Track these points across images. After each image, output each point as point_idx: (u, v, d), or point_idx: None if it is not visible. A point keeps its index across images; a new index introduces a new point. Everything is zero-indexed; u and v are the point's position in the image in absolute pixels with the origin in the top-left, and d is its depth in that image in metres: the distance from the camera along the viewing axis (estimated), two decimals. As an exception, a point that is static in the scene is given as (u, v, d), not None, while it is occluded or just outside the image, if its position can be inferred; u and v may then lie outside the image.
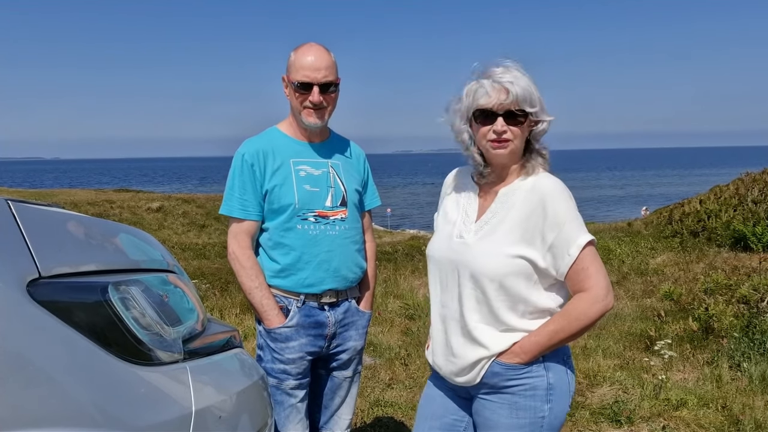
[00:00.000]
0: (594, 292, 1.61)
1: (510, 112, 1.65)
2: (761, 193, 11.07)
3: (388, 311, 6.58)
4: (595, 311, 1.61)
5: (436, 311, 1.83)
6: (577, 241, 1.61)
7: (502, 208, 1.71)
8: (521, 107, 1.64)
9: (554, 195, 1.65)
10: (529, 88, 1.64)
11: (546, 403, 1.69)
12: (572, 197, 1.68)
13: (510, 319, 1.68)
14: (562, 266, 1.63)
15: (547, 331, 1.65)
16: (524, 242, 1.65)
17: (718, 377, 4.39)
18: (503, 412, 1.71)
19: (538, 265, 1.65)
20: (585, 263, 1.62)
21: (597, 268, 1.63)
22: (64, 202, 17.20)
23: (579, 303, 1.63)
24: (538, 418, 1.69)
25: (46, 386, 1.15)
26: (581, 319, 1.62)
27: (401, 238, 18.29)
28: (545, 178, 1.70)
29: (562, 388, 1.72)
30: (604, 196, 51.28)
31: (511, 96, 1.63)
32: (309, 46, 2.26)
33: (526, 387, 1.69)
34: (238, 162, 2.29)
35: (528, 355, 1.67)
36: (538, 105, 1.66)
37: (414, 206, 47.08)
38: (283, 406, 2.32)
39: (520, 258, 1.65)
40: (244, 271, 2.27)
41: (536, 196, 1.66)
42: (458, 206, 1.85)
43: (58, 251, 1.34)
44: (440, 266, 1.80)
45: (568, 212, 1.64)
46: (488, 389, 1.73)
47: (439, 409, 1.88)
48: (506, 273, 1.65)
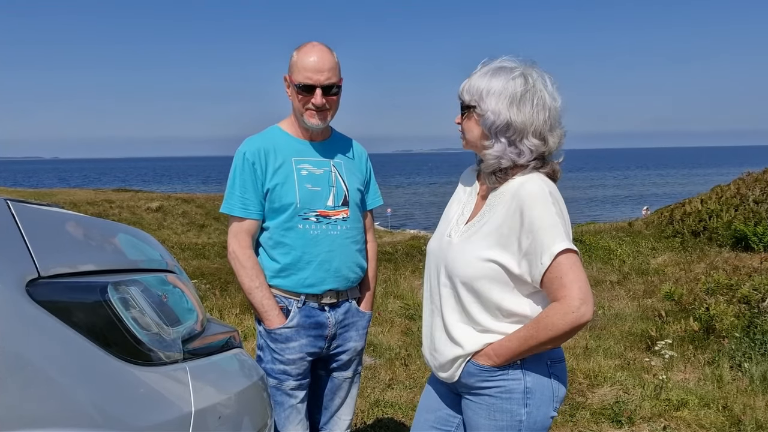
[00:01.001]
0: (566, 303, 1.55)
1: (462, 104, 1.77)
2: (762, 193, 11.07)
3: (388, 311, 6.58)
4: (566, 322, 1.55)
5: (426, 305, 1.87)
6: (551, 249, 1.56)
7: (489, 211, 1.72)
8: (463, 99, 1.75)
9: (533, 201, 1.61)
10: (479, 83, 1.70)
11: (523, 407, 1.67)
12: (558, 202, 1.64)
13: (484, 320, 1.68)
14: (536, 274, 1.60)
15: (518, 337, 1.63)
16: (500, 247, 1.64)
17: (719, 377, 4.39)
18: (482, 413, 1.71)
19: (512, 271, 1.63)
20: (559, 272, 1.56)
21: (572, 278, 1.56)
22: (64, 202, 17.19)
23: (550, 312, 1.59)
24: (516, 422, 1.68)
25: (45, 386, 1.15)
26: (550, 329, 1.57)
27: (401, 238, 18.31)
28: (530, 181, 1.66)
29: (543, 392, 1.69)
30: (607, 196, 51.30)
31: (463, 90, 1.75)
32: (312, 46, 2.24)
33: (502, 390, 1.68)
34: (239, 160, 2.27)
35: (500, 359, 1.65)
36: (483, 97, 1.69)
37: (415, 206, 47.08)
38: (283, 407, 2.31)
39: (492, 262, 1.64)
40: (245, 270, 2.27)
41: (515, 202, 1.63)
42: (459, 204, 1.87)
43: (58, 251, 1.34)
44: (429, 262, 1.84)
45: (545, 219, 1.59)
46: (467, 389, 1.74)
47: (434, 403, 1.91)
48: (476, 276, 1.65)
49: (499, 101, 1.66)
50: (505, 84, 1.67)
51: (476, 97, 1.70)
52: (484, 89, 1.69)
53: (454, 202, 1.91)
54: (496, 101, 1.67)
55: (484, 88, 1.69)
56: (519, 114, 1.65)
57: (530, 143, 1.67)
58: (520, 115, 1.66)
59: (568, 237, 1.60)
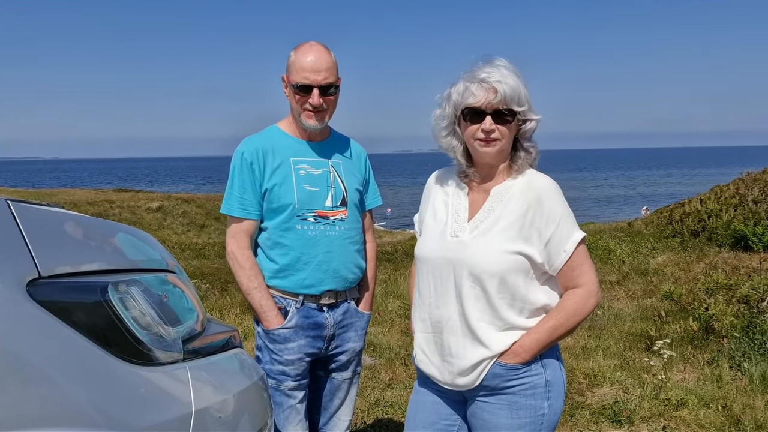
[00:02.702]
0: (588, 288, 1.68)
1: (498, 111, 1.65)
2: (762, 193, 11.07)
3: (388, 311, 6.58)
4: (590, 306, 1.69)
5: (425, 314, 1.79)
6: (572, 237, 1.68)
7: (498, 206, 1.72)
8: (509, 106, 1.65)
9: (550, 193, 1.70)
10: (517, 87, 1.65)
11: (545, 400, 1.71)
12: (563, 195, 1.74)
13: (509, 316, 1.69)
14: (558, 262, 1.68)
15: (547, 328, 1.67)
16: (521, 239, 1.68)
17: (719, 377, 4.39)
18: (503, 413, 1.70)
19: (535, 260, 1.68)
20: (580, 259, 1.68)
21: (590, 264, 1.71)
22: (64, 202, 17.19)
23: (575, 298, 1.68)
24: (539, 416, 1.70)
25: (45, 386, 1.15)
26: (578, 314, 1.68)
27: (401, 238, 18.30)
28: (539, 176, 1.75)
29: (559, 384, 1.75)
30: (608, 196, 51.27)
31: (499, 95, 1.63)
32: (309, 46, 2.24)
33: (527, 386, 1.69)
34: (238, 160, 2.27)
35: (529, 354, 1.67)
36: (525, 104, 1.68)
37: (416, 206, 47.02)
38: (282, 407, 2.31)
39: (518, 254, 1.67)
40: (243, 271, 2.27)
41: (533, 194, 1.69)
42: (447, 206, 1.83)
43: (58, 251, 1.34)
44: (434, 266, 1.77)
45: (563, 209, 1.69)
46: (487, 391, 1.72)
47: (431, 416, 1.85)
48: (507, 269, 1.67)
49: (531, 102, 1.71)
50: (521, 82, 1.69)
51: (525, 105, 1.68)
52: (523, 95, 1.67)
53: (439, 205, 1.86)
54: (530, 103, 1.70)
55: (524, 94, 1.67)
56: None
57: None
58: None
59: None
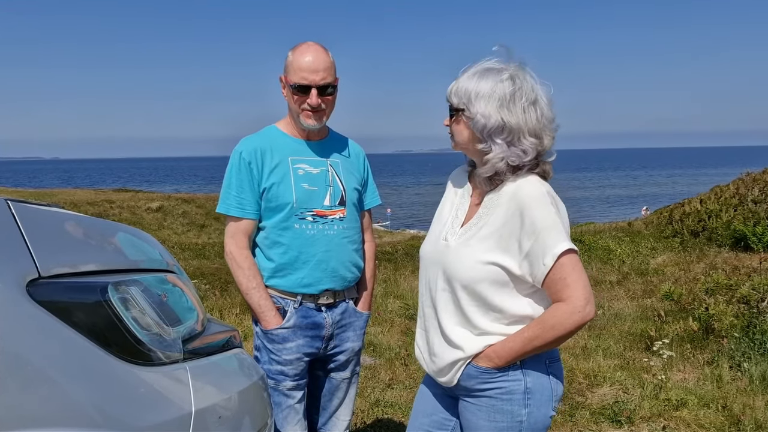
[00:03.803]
0: (572, 303, 1.57)
1: (450, 107, 1.74)
2: (761, 193, 11.07)
3: (388, 311, 6.58)
4: (572, 322, 1.58)
5: (421, 310, 1.85)
6: (553, 250, 1.57)
7: (486, 214, 1.70)
8: (451, 102, 1.73)
9: (533, 202, 1.62)
10: (467, 85, 1.68)
11: (523, 407, 1.67)
12: (556, 202, 1.65)
13: (482, 323, 1.67)
14: (539, 275, 1.60)
15: (522, 338, 1.63)
16: (499, 249, 1.64)
17: (719, 377, 4.39)
18: (482, 415, 1.71)
19: (513, 272, 1.63)
20: (563, 273, 1.58)
21: (575, 278, 1.58)
22: (64, 202, 17.19)
23: (556, 312, 1.60)
24: (516, 422, 1.68)
25: (45, 386, 1.15)
26: (557, 329, 1.59)
27: (401, 238, 18.29)
28: (527, 183, 1.66)
29: (543, 393, 1.69)
30: (609, 196, 51.22)
31: (450, 93, 1.73)
32: (307, 46, 2.24)
33: (503, 391, 1.68)
34: (236, 160, 2.27)
35: (502, 360, 1.65)
36: (471, 100, 1.66)
37: (416, 206, 47.08)
38: (281, 407, 2.31)
39: (493, 265, 1.64)
40: (242, 271, 2.27)
41: (514, 203, 1.64)
42: (452, 207, 1.85)
43: (58, 251, 1.34)
44: (425, 266, 1.81)
45: (546, 220, 1.60)
46: (466, 392, 1.73)
47: (429, 407, 1.89)
48: (477, 279, 1.65)
49: (489, 104, 1.64)
50: (493, 86, 1.65)
51: (464, 100, 1.68)
52: (472, 92, 1.66)
53: (446, 204, 1.88)
54: (485, 104, 1.65)
55: (473, 91, 1.66)
56: (511, 115, 1.64)
57: (528, 142, 1.66)
58: (513, 116, 1.64)
59: (567, 237, 1.61)
